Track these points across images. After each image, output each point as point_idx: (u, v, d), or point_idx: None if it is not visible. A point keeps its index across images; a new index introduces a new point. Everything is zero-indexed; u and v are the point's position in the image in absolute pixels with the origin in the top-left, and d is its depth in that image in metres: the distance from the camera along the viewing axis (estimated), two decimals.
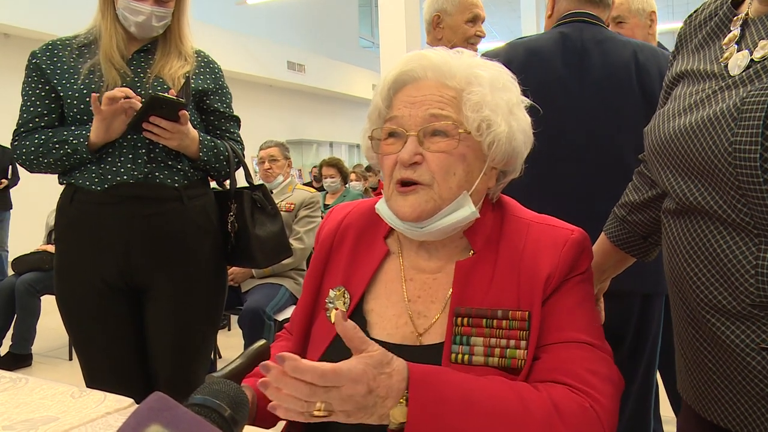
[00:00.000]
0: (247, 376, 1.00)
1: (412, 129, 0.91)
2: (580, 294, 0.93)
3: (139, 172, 1.62)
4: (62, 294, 1.69)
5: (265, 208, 1.86)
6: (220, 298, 1.81)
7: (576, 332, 0.89)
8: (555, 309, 0.90)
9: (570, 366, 0.86)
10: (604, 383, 0.86)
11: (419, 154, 0.90)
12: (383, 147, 0.95)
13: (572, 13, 1.64)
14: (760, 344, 0.76)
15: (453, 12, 2.29)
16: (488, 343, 0.88)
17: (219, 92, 1.80)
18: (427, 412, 0.76)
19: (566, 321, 0.90)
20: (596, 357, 0.88)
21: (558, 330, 0.89)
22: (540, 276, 0.90)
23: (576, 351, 0.88)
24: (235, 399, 0.72)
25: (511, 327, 0.89)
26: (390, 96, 0.97)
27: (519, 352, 0.87)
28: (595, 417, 0.81)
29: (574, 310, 0.91)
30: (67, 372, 3.95)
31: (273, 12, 12.09)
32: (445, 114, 0.91)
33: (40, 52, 1.66)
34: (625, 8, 2.22)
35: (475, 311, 0.90)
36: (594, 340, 0.90)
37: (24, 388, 0.98)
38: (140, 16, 1.62)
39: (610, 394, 0.85)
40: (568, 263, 0.92)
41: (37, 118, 1.64)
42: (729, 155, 0.76)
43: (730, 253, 0.78)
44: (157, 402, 0.56)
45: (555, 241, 0.93)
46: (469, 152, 0.92)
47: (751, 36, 0.82)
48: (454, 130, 0.91)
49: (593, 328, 0.92)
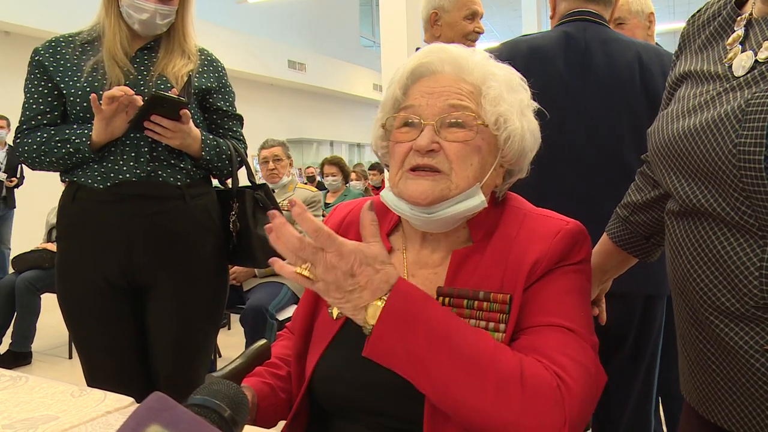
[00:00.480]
0: (248, 376, 1.00)
1: (429, 118, 0.91)
2: (569, 283, 0.91)
3: (142, 170, 1.62)
4: (63, 292, 1.69)
5: (267, 208, 1.85)
6: (221, 297, 1.81)
7: (558, 317, 0.87)
8: (539, 294, 0.89)
9: (545, 348, 0.83)
10: (577, 368, 0.82)
11: (436, 143, 0.90)
12: (397, 135, 0.95)
13: (575, 12, 1.63)
14: (764, 346, 0.76)
15: (450, 9, 2.29)
16: (467, 323, 0.87)
17: (222, 91, 1.79)
18: (398, 321, 0.78)
19: (549, 306, 0.88)
20: (575, 343, 0.85)
21: (539, 314, 0.87)
22: (527, 261, 0.89)
23: (554, 334, 0.85)
24: (234, 399, 0.72)
25: (491, 309, 0.88)
26: (407, 85, 0.97)
27: (497, 335, 0.87)
28: (558, 396, 0.78)
29: (560, 296, 0.89)
30: (67, 370, 3.95)
31: (274, 11, 12.10)
32: (464, 104, 0.91)
33: (42, 49, 1.65)
34: (625, 9, 2.23)
35: (457, 291, 0.90)
36: (576, 327, 0.87)
37: (24, 387, 0.98)
38: (144, 14, 1.61)
39: (582, 381, 0.81)
40: (558, 252, 0.90)
41: (39, 116, 1.63)
42: (733, 157, 0.75)
43: (734, 255, 0.78)
44: (156, 402, 0.55)
45: (548, 230, 0.92)
46: (485, 145, 0.92)
47: (755, 36, 0.82)
48: (472, 122, 0.91)
49: (579, 317, 0.89)
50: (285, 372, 1.05)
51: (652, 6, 2.27)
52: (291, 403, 1.03)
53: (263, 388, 0.98)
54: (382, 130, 1.00)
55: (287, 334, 1.15)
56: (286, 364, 1.07)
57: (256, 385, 0.98)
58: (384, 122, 0.99)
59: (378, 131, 1.01)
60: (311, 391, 0.98)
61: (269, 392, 0.99)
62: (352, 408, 0.94)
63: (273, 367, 1.05)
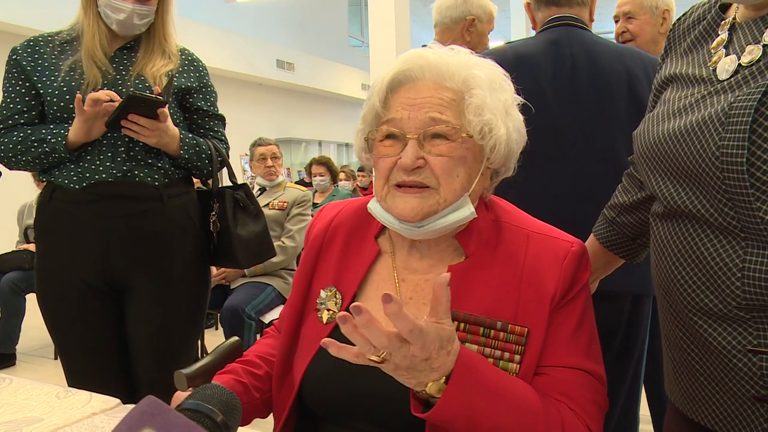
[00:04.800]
0: (223, 373, 1.00)
1: (411, 132, 0.90)
2: (580, 309, 0.93)
3: (118, 170, 1.60)
4: (43, 293, 1.67)
5: (247, 208, 1.84)
6: (202, 297, 1.80)
7: (579, 359, 0.90)
8: (559, 330, 0.90)
9: (575, 395, 0.88)
10: (602, 416, 0.89)
11: (421, 158, 0.89)
12: (380, 148, 0.94)
13: (554, 18, 1.64)
14: (746, 346, 0.77)
15: (485, 20, 2.35)
16: (482, 351, 0.88)
17: (203, 90, 1.78)
18: (462, 395, 0.78)
19: (568, 344, 0.90)
20: (593, 386, 0.90)
21: (562, 354, 0.90)
22: (545, 294, 0.90)
23: (580, 380, 0.89)
24: (227, 404, 0.72)
25: (507, 340, 0.89)
26: (387, 96, 0.95)
27: (512, 366, 0.88)
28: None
29: (575, 332, 0.91)
30: (52, 371, 3.91)
31: (262, 10, 12.05)
32: (444, 118, 0.90)
33: (21, 48, 1.64)
34: (637, 4, 2.22)
35: (474, 318, 0.90)
36: (593, 366, 0.91)
37: (8, 389, 0.97)
38: (121, 14, 1.60)
39: (601, 424, 0.89)
40: (569, 278, 0.92)
41: (16, 115, 1.62)
42: (716, 159, 0.76)
43: (717, 257, 0.79)
44: (149, 406, 0.55)
45: (556, 254, 0.93)
46: (469, 155, 0.91)
47: (739, 40, 0.83)
48: (455, 134, 0.90)
49: (595, 353, 0.93)
50: (263, 372, 1.05)
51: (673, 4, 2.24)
52: (266, 402, 1.03)
53: (235, 386, 0.98)
54: (365, 143, 0.98)
55: (274, 333, 1.14)
56: (266, 364, 1.06)
57: (229, 383, 0.97)
58: (366, 135, 0.97)
59: (361, 143, 0.99)
60: (301, 395, 0.97)
61: (242, 390, 0.98)
62: (344, 414, 0.94)
63: (250, 366, 1.04)
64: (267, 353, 1.08)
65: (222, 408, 0.71)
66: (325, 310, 0.99)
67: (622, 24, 2.29)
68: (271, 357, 1.07)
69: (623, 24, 2.29)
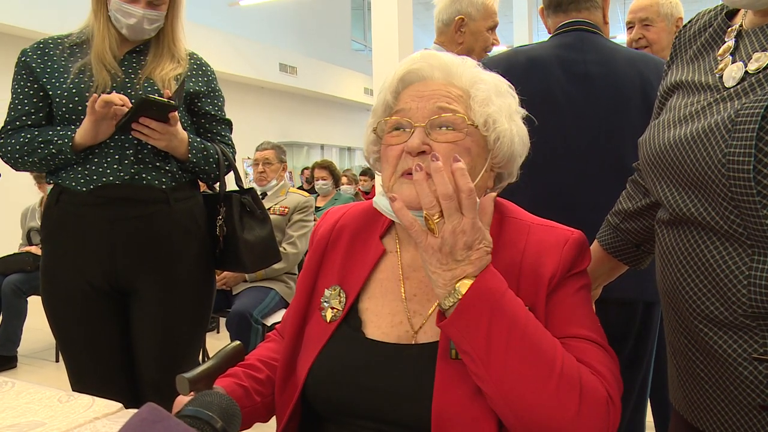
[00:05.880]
0: (223, 377, 1.00)
1: (419, 121, 0.92)
2: (580, 293, 0.94)
3: (126, 172, 1.61)
4: (48, 295, 1.67)
5: (254, 212, 1.85)
6: (207, 301, 1.80)
7: (584, 329, 0.89)
8: (560, 306, 0.90)
9: (589, 360, 0.86)
10: (618, 385, 0.86)
11: (426, 144, 0.91)
12: (388, 139, 0.96)
13: (566, 23, 1.64)
14: (752, 354, 0.76)
15: (477, 17, 2.25)
16: None
17: (211, 95, 1.79)
18: (487, 296, 0.79)
19: (572, 317, 0.90)
20: (608, 357, 0.89)
21: (567, 325, 0.89)
22: (544, 273, 0.91)
23: (589, 347, 0.88)
24: (227, 411, 0.72)
25: None
26: (398, 91, 0.99)
27: None
28: (605, 413, 0.81)
29: (579, 308, 0.92)
30: (53, 374, 3.91)
31: (265, 14, 12.09)
32: (452, 107, 0.92)
33: (30, 50, 1.64)
34: (654, 11, 2.21)
35: None
36: (601, 339, 0.91)
37: (10, 392, 0.97)
38: (132, 19, 1.61)
39: (619, 398, 0.85)
40: (569, 261, 0.92)
41: (24, 117, 1.62)
42: (723, 167, 0.76)
43: (723, 264, 0.79)
44: (149, 413, 0.55)
45: (556, 240, 0.94)
46: (474, 146, 0.93)
47: (745, 48, 0.83)
48: (461, 123, 0.92)
49: (597, 328, 0.92)
50: (264, 375, 1.05)
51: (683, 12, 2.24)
52: (267, 406, 1.03)
53: (236, 389, 0.98)
54: (374, 135, 1.01)
55: (276, 337, 1.14)
56: (268, 368, 1.06)
57: (229, 387, 0.97)
58: (375, 126, 0.99)
59: (370, 136, 1.02)
60: (304, 395, 0.97)
61: (242, 394, 0.99)
62: (348, 412, 0.93)
63: (252, 369, 1.05)
64: (269, 357, 1.08)
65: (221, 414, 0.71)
66: (329, 309, 0.99)
67: (638, 30, 2.28)
68: (272, 361, 1.07)
69: (639, 30, 2.27)
